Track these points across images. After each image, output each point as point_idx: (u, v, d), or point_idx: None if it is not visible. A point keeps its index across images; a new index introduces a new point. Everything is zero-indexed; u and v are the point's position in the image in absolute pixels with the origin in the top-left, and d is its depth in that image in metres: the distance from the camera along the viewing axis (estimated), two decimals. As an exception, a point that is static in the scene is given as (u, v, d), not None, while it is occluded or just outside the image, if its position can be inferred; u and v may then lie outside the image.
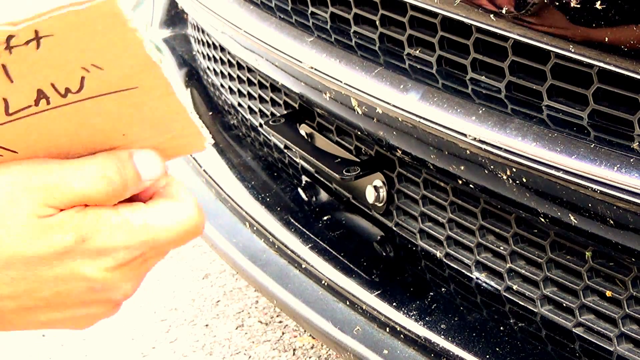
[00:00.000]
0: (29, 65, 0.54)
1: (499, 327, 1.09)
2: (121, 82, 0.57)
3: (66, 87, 0.56)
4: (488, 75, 1.06)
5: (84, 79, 0.56)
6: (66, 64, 0.55)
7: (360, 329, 1.16)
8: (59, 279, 0.58)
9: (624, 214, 0.89)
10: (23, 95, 0.55)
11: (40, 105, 0.56)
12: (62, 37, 0.54)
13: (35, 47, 0.53)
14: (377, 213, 1.31)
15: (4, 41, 0.53)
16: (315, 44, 1.23)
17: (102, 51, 0.55)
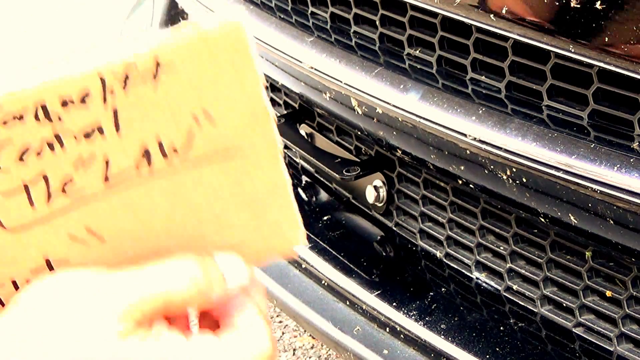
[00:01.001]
0: (141, 110, 0.51)
1: (499, 327, 1.09)
2: (229, 139, 0.53)
3: (172, 145, 0.52)
4: (488, 75, 1.06)
5: (193, 133, 0.52)
6: (179, 108, 0.52)
7: (360, 329, 1.16)
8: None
9: (624, 214, 0.89)
10: (126, 154, 0.52)
11: (140, 170, 0.53)
12: (181, 67, 0.51)
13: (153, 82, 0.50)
14: (377, 213, 1.31)
15: (122, 75, 0.50)
16: (315, 44, 1.23)
17: (219, 87, 0.52)
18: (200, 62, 0.51)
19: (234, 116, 0.53)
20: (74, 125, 0.51)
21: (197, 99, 0.52)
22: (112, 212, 0.54)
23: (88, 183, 0.53)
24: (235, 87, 0.52)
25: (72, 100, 0.51)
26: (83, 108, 0.51)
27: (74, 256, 0.55)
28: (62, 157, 0.52)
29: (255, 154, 0.55)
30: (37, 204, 0.53)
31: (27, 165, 0.52)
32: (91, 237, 0.55)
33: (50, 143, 0.52)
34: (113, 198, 0.54)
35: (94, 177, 0.53)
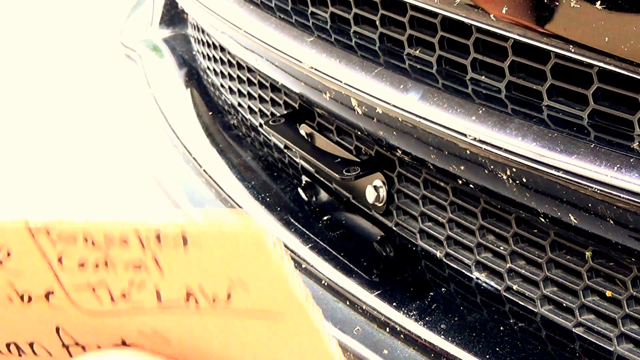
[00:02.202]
0: (178, 264, 0.54)
1: (499, 327, 1.09)
2: (267, 308, 0.55)
3: (214, 294, 0.54)
4: (488, 75, 1.06)
5: (230, 295, 0.54)
6: (212, 273, 0.54)
7: (360, 329, 1.16)
8: None
9: (624, 214, 0.89)
10: (173, 291, 0.55)
11: (189, 305, 0.55)
12: (208, 250, 0.53)
13: (183, 252, 0.53)
14: (377, 213, 1.31)
15: (154, 233, 0.53)
16: (315, 44, 1.23)
17: (248, 274, 0.53)
18: (222, 248, 0.53)
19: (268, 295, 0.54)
20: (120, 258, 0.55)
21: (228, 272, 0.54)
22: (171, 327, 0.57)
23: (145, 299, 0.56)
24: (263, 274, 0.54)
25: (114, 242, 0.54)
26: (125, 248, 0.54)
27: (147, 346, 0.58)
28: (117, 275, 0.55)
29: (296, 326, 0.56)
30: (104, 303, 0.57)
31: (88, 272, 0.55)
32: (158, 338, 0.58)
33: (103, 262, 0.55)
34: (168, 316, 0.56)
35: (149, 297, 0.56)
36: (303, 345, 0.57)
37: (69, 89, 3.32)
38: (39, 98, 3.29)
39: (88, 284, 0.56)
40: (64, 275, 0.56)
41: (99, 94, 3.23)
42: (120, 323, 0.58)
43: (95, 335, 0.59)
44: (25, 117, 3.18)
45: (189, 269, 0.54)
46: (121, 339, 0.59)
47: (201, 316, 0.56)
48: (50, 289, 0.57)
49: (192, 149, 1.61)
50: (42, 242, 0.55)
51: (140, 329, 0.58)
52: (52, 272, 0.57)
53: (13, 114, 3.22)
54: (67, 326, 0.59)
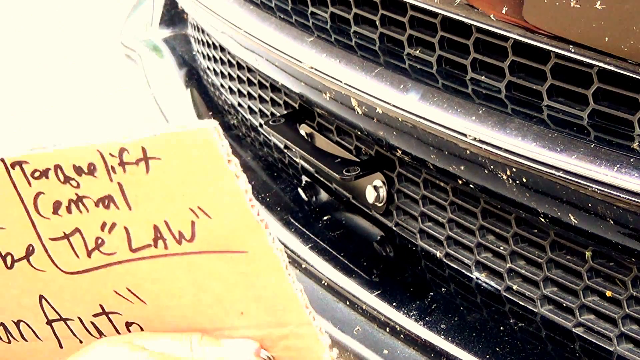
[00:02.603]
0: (143, 192, 0.56)
1: (499, 327, 1.09)
2: (229, 239, 0.56)
3: (180, 231, 0.56)
4: (488, 75, 1.06)
5: (194, 225, 0.56)
6: (175, 199, 0.56)
7: (360, 329, 1.16)
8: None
9: (624, 214, 0.89)
10: (142, 230, 0.57)
11: (159, 248, 0.57)
12: (167, 162, 0.55)
13: (145, 170, 0.55)
14: (377, 213, 1.31)
15: (117, 154, 0.55)
16: (315, 44, 1.23)
17: (205, 191, 0.55)
18: (181, 160, 0.55)
19: (227, 218, 0.56)
20: (90, 192, 0.57)
21: (189, 194, 0.56)
22: (144, 278, 0.59)
23: (117, 247, 0.58)
24: (219, 190, 0.55)
25: (83, 169, 0.56)
26: (93, 178, 0.56)
27: (123, 311, 0.60)
28: (88, 218, 0.58)
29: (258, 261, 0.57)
30: (81, 256, 0.59)
31: (62, 218, 0.58)
32: (133, 297, 0.60)
33: (75, 202, 0.57)
34: (141, 266, 0.58)
35: (120, 243, 0.58)
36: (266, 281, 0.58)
37: (69, 89, 3.32)
38: (39, 98, 3.29)
39: (64, 233, 0.58)
40: (41, 223, 0.58)
41: (99, 94, 3.23)
42: (98, 284, 0.59)
43: (75, 303, 0.61)
44: (26, 117, 3.18)
45: (153, 197, 0.56)
46: (100, 306, 0.60)
47: (170, 260, 0.57)
48: (30, 244, 0.59)
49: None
50: (18, 180, 0.58)
51: (116, 290, 0.59)
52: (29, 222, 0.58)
53: (13, 114, 3.22)
54: (49, 294, 0.61)
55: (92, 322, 0.62)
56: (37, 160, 0.57)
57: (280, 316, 0.59)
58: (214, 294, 0.59)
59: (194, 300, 0.59)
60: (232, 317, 0.59)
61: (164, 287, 0.59)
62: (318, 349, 0.60)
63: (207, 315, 0.59)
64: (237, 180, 0.55)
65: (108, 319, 0.61)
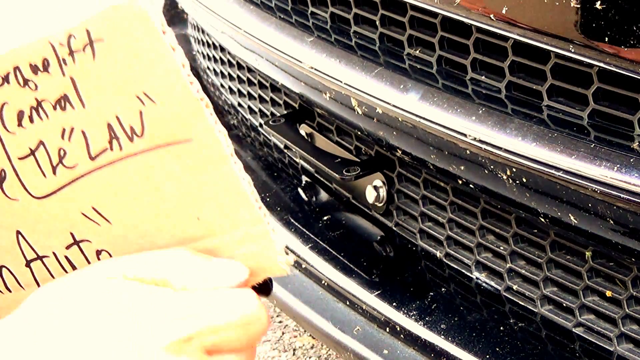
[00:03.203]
0: (93, 83, 0.57)
1: (499, 327, 1.09)
2: (175, 126, 0.58)
3: (130, 126, 0.58)
4: (488, 75, 1.06)
5: (142, 115, 0.57)
6: (122, 87, 0.57)
7: (360, 329, 1.16)
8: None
9: (624, 214, 0.89)
10: (98, 131, 0.58)
11: (114, 151, 0.58)
12: (110, 43, 0.56)
13: (92, 55, 0.57)
14: (377, 213, 1.31)
15: (66, 43, 0.57)
16: (315, 44, 1.23)
17: (147, 69, 0.56)
18: (122, 38, 0.57)
19: (172, 101, 0.57)
20: (47, 93, 0.59)
21: (133, 78, 0.57)
22: (105, 191, 0.60)
23: (78, 158, 0.59)
24: (158, 67, 0.57)
25: (38, 67, 0.58)
26: (48, 75, 0.58)
27: (92, 237, 0.62)
28: (49, 126, 0.59)
29: (204, 149, 0.59)
30: (47, 174, 0.60)
31: (26, 130, 0.60)
32: (99, 217, 0.61)
33: (35, 109, 0.59)
34: (101, 176, 0.60)
35: (81, 151, 0.59)
36: (214, 174, 0.59)
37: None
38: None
39: (29, 150, 0.60)
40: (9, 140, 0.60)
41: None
42: (66, 207, 0.61)
43: (49, 234, 0.62)
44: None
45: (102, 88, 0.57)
46: (71, 234, 0.62)
47: (126, 164, 0.59)
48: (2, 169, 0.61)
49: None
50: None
51: (83, 212, 0.61)
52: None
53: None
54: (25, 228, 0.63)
55: (65, 255, 0.63)
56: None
57: (233, 216, 0.60)
58: (171, 199, 0.60)
59: (154, 211, 0.60)
60: (190, 225, 0.60)
61: (125, 200, 0.60)
62: (272, 252, 0.61)
63: (168, 228, 0.61)
64: (174, 54, 0.56)
65: (80, 250, 0.63)
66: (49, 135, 0.60)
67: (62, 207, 0.62)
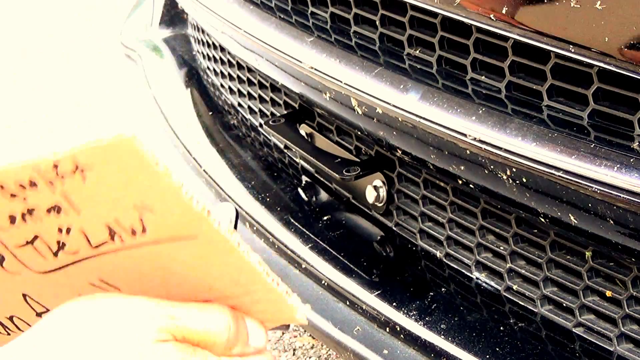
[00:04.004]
0: (86, 198, 0.58)
1: (499, 327, 1.09)
2: (178, 228, 0.58)
3: (131, 227, 0.58)
4: (488, 75, 1.06)
5: (142, 219, 0.58)
6: (118, 201, 0.58)
7: (360, 329, 1.16)
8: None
9: (624, 214, 0.89)
10: (97, 230, 0.59)
11: (116, 243, 0.59)
12: (100, 171, 0.57)
13: (82, 180, 0.57)
14: (377, 213, 1.31)
15: (52, 169, 0.57)
16: (315, 44, 1.23)
17: (144, 191, 0.57)
18: (113, 168, 0.57)
19: (171, 212, 0.58)
20: (38, 203, 0.59)
21: (129, 195, 0.58)
22: (112, 268, 0.61)
23: (78, 246, 0.60)
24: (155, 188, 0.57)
25: (25, 186, 0.58)
26: (37, 191, 0.58)
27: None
28: (45, 224, 0.59)
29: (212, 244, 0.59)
30: (48, 257, 0.61)
31: (20, 228, 0.60)
32: (107, 286, 0.62)
33: (26, 214, 0.59)
34: (106, 259, 0.60)
35: (80, 242, 0.60)
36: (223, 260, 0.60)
37: (68, 89, 3.32)
38: (38, 99, 3.29)
39: (25, 240, 0.60)
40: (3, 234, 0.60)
41: (99, 95, 3.23)
42: (72, 278, 0.62)
43: (56, 296, 0.63)
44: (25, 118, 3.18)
45: (97, 201, 0.58)
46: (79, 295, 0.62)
47: (130, 251, 0.59)
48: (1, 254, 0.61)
49: (192, 149, 1.61)
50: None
51: (90, 282, 0.62)
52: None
53: (12, 115, 3.22)
54: (30, 292, 0.64)
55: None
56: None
57: (247, 286, 0.62)
58: (180, 275, 0.61)
59: (163, 282, 0.62)
60: (202, 292, 0.62)
61: (133, 274, 0.61)
62: (290, 309, 0.64)
63: (179, 293, 0.62)
64: (170, 179, 0.57)
65: None
66: (45, 231, 0.60)
67: (67, 278, 0.62)
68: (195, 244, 0.59)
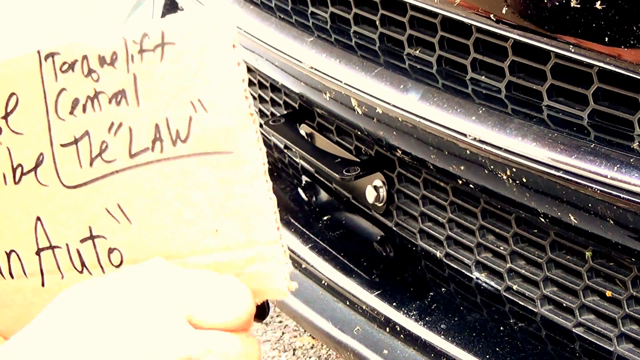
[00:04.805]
0: (153, 83, 0.60)
1: (499, 327, 1.09)
2: (219, 136, 0.60)
3: (177, 130, 0.60)
4: (488, 75, 1.06)
5: (191, 121, 0.60)
6: (179, 91, 0.60)
7: (360, 329, 1.16)
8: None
9: (624, 214, 0.89)
10: (144, 130, 0.61)
11: (155, 152, 0.61)
12: (180, 47, 0.59)
13: (160, 56, 0.60)
14: (377, 213, 1.31)
15: (139, 41, 0.60)
16: (315, 44, 1.23)
17: (209, 81, 0.59)
18: (192, 44, 0.59)
19: (224, 112, 0.60)
20: (107, 86, 0.61)
21: (192, 85, 0.60)
22: (134, 190, 0.62)
23: (117, 153, 0.62)
24: (223, 83, 0.59)
25: (106, 60, 0.61)
26: (113, 69, 0.61)
27: (109, 234, 0.64)
28: (99, 118, 0.62)
29: (242, 163, 0.60)
30: (84, 165, 0.63)
31: (77, 118, 0.62)
32: (122, 215, 0.63)
33: (91, 99, 0.62)
34: (135, 175, 0.62)
35: (122, 147, 0.62)
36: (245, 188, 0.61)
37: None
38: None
39: (74, 137, 0.63)
40: (56, 127, 0.63)
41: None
42: (92, 199, 0.63)
43: (67, 225, 0.64)
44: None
45: (160, 89, 0.60)
46: (89, 228, 0.64)
47: (162, 166, 0.61)
48: (41, 152, 0.64)
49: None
50: (47, 74, 0.63)
51: (107, 207, 0.63)
52: (47, 126, 0.63)
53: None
54: (46, 214, 0.65)
55: (77, 249, 0.65)
56: (68, 51, 0.63)
57: (251, 233, 0.62)
58: (196, 208, 0.62)
59: (177, 218, 0.62)
60: (207, 237, 0.62)
61: (151, 202, 0.62)
62: (279, 275, 0.62)
63: (186, 237, 0.62)
64: (238, 67, 0.59)
65: (93, 245, 0.64)
66: (96, 126, 0.62)
67: (88, 199, 0.64)
68: (227, 162, 0.60)
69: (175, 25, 0.60)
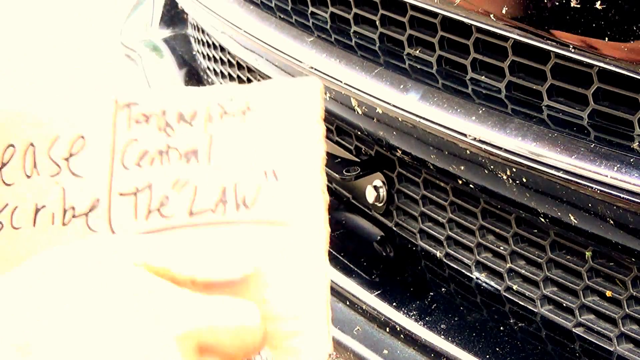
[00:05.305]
0: (229, 144, 0.59)
1: (499, 327, 1.09)
2: (287, 210, 0.58)
3: (243, 198, 0.59)
4: (488, 75, 1.06)
5: (260, 189, 0.58)
6: (255, 157, 0.58)
7: (360, 329, 1.16)
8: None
9: (624, 214, 0.89)
10: (210, 191, 0.59)
11: (216, 214, 0.59)
12: (264, 112, 0.58)
13: (241, 122, 0.58)
14: (377, 213, 1.31)
15: (225, 103, 0.59)
16: (315, 44, 1.23)
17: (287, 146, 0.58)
18: (278, 110, 0.58)
19: (296, 186, 0.58)
20: (180, 142, 0.60)
21: (269, 153, 0.58)
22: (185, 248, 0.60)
23: (177, 209, 0.60)
24: (301, 157, 0.58)
25: (185, 117, 0.60)
26: (189, 126, 0.60)
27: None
28: (166, 172, 0.60)
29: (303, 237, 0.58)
30: (139, 216, 0.61)
31: (142, 170, 0.61)
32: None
33: (162, 153, 0.60)
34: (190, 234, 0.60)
35: (183, 204, 0.60)
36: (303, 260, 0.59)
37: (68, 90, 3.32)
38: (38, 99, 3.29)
39: (136, 188, 0.60)
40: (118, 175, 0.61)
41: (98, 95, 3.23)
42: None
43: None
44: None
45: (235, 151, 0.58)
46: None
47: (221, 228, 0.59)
48: (98, 198, 0.61)
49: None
50: (120, 123, 0.61)
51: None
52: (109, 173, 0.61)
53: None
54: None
55: None
56: (147, 104, 0.61)
57: (299, 307, 0.60)
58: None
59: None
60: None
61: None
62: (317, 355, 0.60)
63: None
64: (318, 143, 0.58)
65: None
66: (161, 180, 0.60)
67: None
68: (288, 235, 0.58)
69: (261, 92, 0.58)
